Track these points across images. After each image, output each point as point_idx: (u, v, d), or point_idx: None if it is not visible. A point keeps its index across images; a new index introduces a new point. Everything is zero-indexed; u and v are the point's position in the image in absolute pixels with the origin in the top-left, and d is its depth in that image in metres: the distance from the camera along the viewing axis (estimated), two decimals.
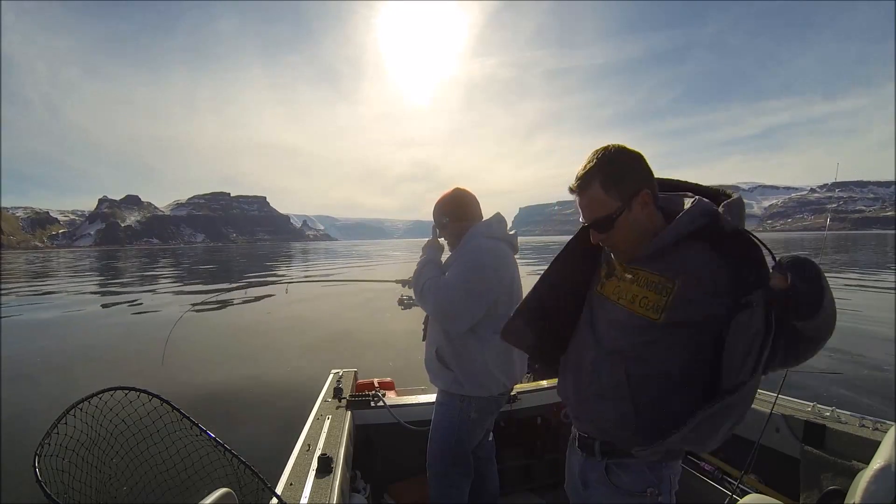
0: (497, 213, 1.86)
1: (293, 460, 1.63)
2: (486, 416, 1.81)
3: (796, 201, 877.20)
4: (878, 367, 5.36)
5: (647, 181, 0.95)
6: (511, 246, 1.82)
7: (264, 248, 63.44)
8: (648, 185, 0.95)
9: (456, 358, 1.73)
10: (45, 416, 1.18)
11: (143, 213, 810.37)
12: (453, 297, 1.63)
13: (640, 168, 0.95)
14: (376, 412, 2.15)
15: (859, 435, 1.63)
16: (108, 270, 32.29)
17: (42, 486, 0.92)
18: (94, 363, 6.75)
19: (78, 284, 20.31)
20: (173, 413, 1.29)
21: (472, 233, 1.76)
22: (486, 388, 1.73)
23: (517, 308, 1.20)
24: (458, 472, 1.81)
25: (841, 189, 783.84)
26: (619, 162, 0.93)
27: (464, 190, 1.85)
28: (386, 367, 5.89)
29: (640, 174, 0.95)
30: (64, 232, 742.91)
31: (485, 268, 1.65)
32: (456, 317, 1.65)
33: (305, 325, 9.09)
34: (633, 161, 0.94)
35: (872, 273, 17.68)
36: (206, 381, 5.60)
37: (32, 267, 40.11)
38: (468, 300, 1.62)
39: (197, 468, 1.31)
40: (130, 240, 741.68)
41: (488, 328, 1.67)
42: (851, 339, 6.63)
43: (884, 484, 1.14)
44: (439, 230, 1.86)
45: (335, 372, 2.60)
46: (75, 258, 65.85)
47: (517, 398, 2.26)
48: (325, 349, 7.25)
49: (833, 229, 55.46)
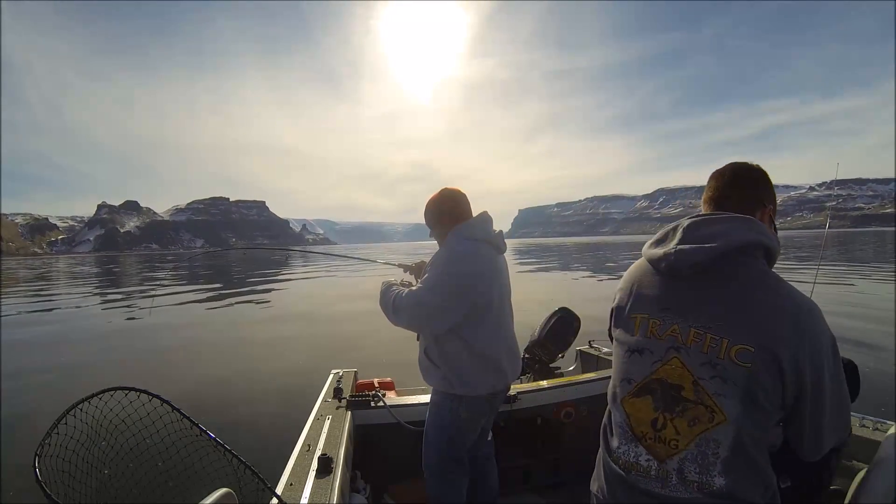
0: (483, 212, 1.84)
1: (293, 460, 1.63)
2: (477, 415, 1.80)
3: (795, 200, 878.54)
4: (878, 367, 5.34)
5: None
6: (494, 247, 1.80)
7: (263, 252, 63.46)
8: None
9: (442, 357, 1.74)
10: (46, 416, 1.18)
11: (142, 219, 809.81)
12: (425, 299, 1.64)
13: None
14: (376, 412, 2.15)
15: (859, 435, 1.61)
16: (106, 275, 32.26)
17: (42, 486, 0.92)
18: (95, 365, 6.74)
19: (78, 289, 20.29)
20: (173, 413, 1.29)
21: (452, 235, 1.76)
22: (474, 388, 1.72)
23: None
24: (452, 471, 1.81)
25: (840, 187, 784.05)
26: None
27: (451, 190, 1.84)
28: (386, 367, 5.89)
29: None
30: (63, 238, 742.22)
31: (458, 270, 1.64)
32: (430, 319, 1.67)
33: (305, 326, 9.09)
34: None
35: (874, 269, 17.66)
36: (206, 381, 5.60)
37: (33, 273, 40.06)
38: (441, 302, 1.63)
39: (197, 468, 1.31)
40: (129, 245, 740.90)
41: (469, 329, 1.68)
42: (852, 338, 6.62)
43: (884, 484, 1.14)
44: (430, 231, 1.88)
45: (335, 372, 2.60)
46: (76, 262, 65.73)
47: (517, 398, 2.25)
48: (325, 349, 7.25)
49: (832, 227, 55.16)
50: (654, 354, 0.94)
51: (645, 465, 0.93)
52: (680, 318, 0.92)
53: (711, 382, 0.87)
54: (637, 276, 1.06)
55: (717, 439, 0.87)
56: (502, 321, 1.79)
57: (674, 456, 0.90)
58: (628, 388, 0.98)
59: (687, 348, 0.90)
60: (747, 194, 1.03)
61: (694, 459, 0.88)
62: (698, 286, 0.93)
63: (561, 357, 2.99)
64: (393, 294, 1.75)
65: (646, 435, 0.94)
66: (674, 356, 0.91)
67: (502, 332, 1.79)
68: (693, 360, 0.89)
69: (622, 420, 0.98)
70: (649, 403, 0.94)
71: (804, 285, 1.15)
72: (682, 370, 0.90)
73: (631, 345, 0.98)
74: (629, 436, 0.97)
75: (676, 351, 0.91)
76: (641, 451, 0.94)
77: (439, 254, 1.74)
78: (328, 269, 29.45)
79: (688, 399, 0.89)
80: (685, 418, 0.89)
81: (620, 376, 1.00)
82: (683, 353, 0.90)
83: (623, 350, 1.01)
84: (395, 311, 1.73)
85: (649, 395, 0.94)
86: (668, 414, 0.91)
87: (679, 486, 0.89)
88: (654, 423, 0.93)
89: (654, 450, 0.92)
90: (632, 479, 0.95)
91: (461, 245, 1.71)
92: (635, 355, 0.97)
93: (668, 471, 0.90)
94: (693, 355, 0.89)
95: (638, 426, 0.95)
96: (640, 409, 0.95)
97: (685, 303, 0.93)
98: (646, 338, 0.96)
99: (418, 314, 1.67)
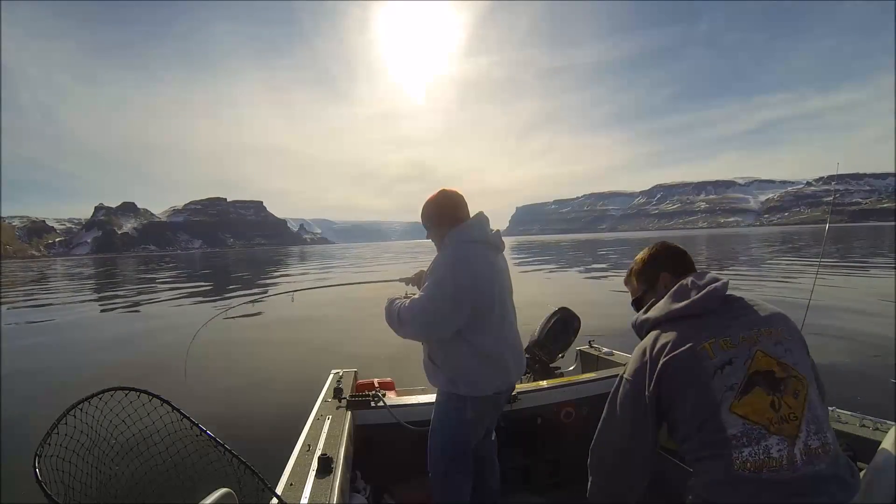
0: (479, 213, 1.85)
1: (293, 460, 1.63)
2: (482, 415, 1.81)
3: (793, 195, 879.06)
4: (878, 366, 5.33)
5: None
6: (492, 247, 1.81)
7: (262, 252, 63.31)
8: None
9: (446, 360, 1.75)
10: (45, 418, 1.18)
11: (139, 220, 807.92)
12: (426, 308, 1.66)
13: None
14: (376, 412, 2.15)
15: (859, 435, 1.62)
16: (103, 277, 32.19)
17: (42, 486, 0.92)
18: (94, 366, 6.72)
19: (78, 290, 20.25)
20: (173, 413, 1.29)
21: (449, 238, 1.77)
22: (480, 389, 1.73)
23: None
24: (457, 471, 1.81)
25: (838, 182, 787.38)
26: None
27: (448, 192, 1.84)
28: (386, 367, 5.89)
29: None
30: (61, 241, 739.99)
31: (457, 275, 1.65)
32: (433, 327, 1.69)
33: (305, 326, 9.08)
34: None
35: (873, 265, 17.73)
36: (205, 381, 5.59)
37: (28, 276, 39.96)
38: (443, 309, 1.64)
39: (197, 468, 1.31)
40: (127, 247, 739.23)
41: (472, 331, 1.69)
42: (851, 337, 6.62)
43: (884, 484, 1.14)
44: (426, 233, 1.89)
45: (335, 372, 2.60)
46: (73, 265, 65.61)
47: (517, 398, 2.25)
48: (325, 349, 7.25)
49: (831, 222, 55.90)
50: (740, 358, 1.08)
51: (777, 456, 1.00)
52: (742, 329, 1.13)
53: (787, 356, 1.09)
54: (667, 334, 1.18)
55: (811, 400, 1.06)
56: (505, 320, 1.79)
57: (800, 427, 1.02)
58: (732, 394, 1.05)
59: (761, 342, 1.10)
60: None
61: (809, 423, 1.03)
62: (726, 311, 1.18)
63: (561, 357, 2.99)
64: (396, 308, 1.77)
65: (771, 420, 1.02)
66: (757, 350, 1.09)
67: (505, 332, 1.79)
68: (770, 348, 1.10)
69: (739, 424, 1.03)
70: (761, 392, 1.05)
71: (805, 283, 1.20)
72: (767, 358, 1.08)
73: (715, 363, 1.09)
74: (753, 433, 1.02)
75: (756, 345, 1.10)
76: (772, 440, 1.00)
77: (437, 259, 1.75)
78: (328, 269, 29.45)
79: (781, 377, 1.06)
80: (789, 392, 1.05)
81: (722, 390, 1.06)
82: (761, 345, 1.10)
83: (709, 373, 1.09)
84: (400, 324, 1.75)
85: (756, 386, 1.05)
86: (777, 395, 1.04)
87: (807, 463, 1.00)
88: (772, 405, 1.04)
89: (783, 430, 1.01)
90: (765, 477, 0.99)
91: (459, 249, 1.72)
92: (726, 368, 1.08)
93: (794, 453, 1.00)
94: (768, 345, 1.10)
95: (760, 417, 1.03)
96: (756, 402, 1.04)
97: (735, 320, 1.15)
98: (726, 351, 1.09)
99: (422, 323, 1.69)
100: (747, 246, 36.89)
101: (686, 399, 1.10)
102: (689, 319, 1.18)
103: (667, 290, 1.27)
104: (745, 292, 1.31)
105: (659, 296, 1.30)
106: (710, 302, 1.18)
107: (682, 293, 1.23)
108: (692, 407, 1.09)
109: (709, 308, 1.17)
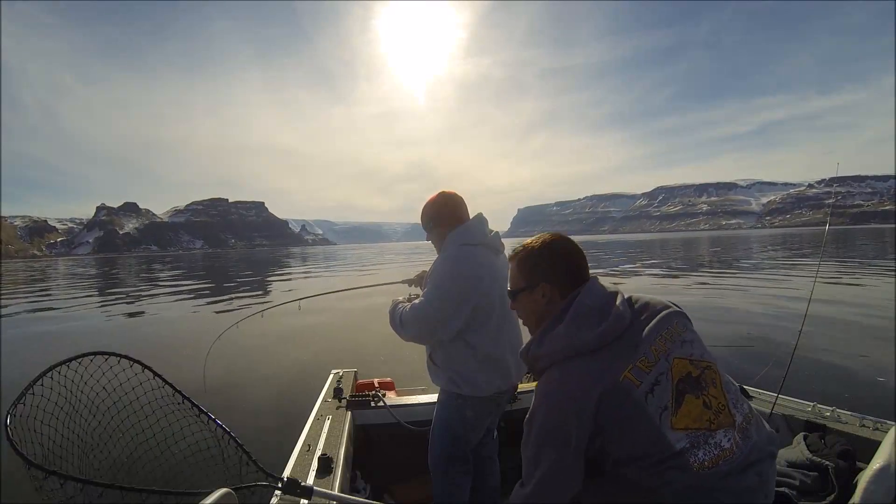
0: (478, 214, 1.85)
1: (293, 460, 1.64)
2: (483, 415, 1.82)
3: (794, 197, 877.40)
4: (877, 367, 5.32)
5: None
6: (492, 249, 1.81)
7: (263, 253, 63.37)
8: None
9: (448, 360, 1.76)
10: None
11: (141, 220, 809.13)
12: (426, 311, 1.68)
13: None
14: (376, 412, 2.16)
15: (859, 435, 1.62)
16: (105, 277, 32.26)
17: (13, 444, 0.90)
18: None
19: (76, 291, 20.28)
20: (155, 380, 1.28)
21: (449, 241, 1.78)
22: (481, 389, 1.74)
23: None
24: (457, 470, 1.82)
25: (839, 184, 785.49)
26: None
27: (448, 194, 1.86)
28: (386, 367, 5.89)
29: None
30: (62, 240, 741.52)
31: (457, 278, 1.67)
32: (433, 329, 1.70)
33: (305, 326, 9.08)
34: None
35: (874, 266, 17.68)
36: (205, 380, 5.58)
37: (29, 275, 40.04)
38: (443, 312, 1.66)
39: (191, 462, 1.30)
40: (129, 247, 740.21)
41: (473, 333, 1.70)
42: (852, 336, 6.62)
43: (884, 484, 1.14)
44: (426, 235, 1.90)
45: (335, 372, 2.60)
46: (75, 264, 65.75)
47: (517, 398, 2.26)
48: (325, 349, 7.25)
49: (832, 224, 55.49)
50: (663, 374, 1.06)
51: (728, 446, 1.02)
52: (650, 341, 1.09)
53: (693, 349, 1.11)
54: (579, 372, 1.07)
55: (726, 381, 1.11)
56: (505, 321, 1.79)
57: (731, 412, 1.06)
58: (668, 413, 1.01)
59: (671, 348, 1.09)
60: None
61: (733, 404, 1.07)
62: (631, 329, 1.11)
63: None
64: (399, 312, 1.80)
65: (710, 419, 1.03)
66: (673, 358, 1.08)
67: (506, 333, 1.79)
68: (678, 349, 1.09)
69: (684, 437, 1.00)
70: (691, 399, 1.05)
71: (804, 283, 1.18)
72: (681, 361, 1.08)
73: (644, 389, 1.02)
74: (700, 438, 1.00)
75: (669, 353, 1.08)
76: (718, 434, 1.02)
77: (437, 262, 1.77)
78: (328, 269, 29.46)
79: (698, 374, 1.08)
80: (709, 384, 1.08)
81: (657, 413, 1.00)
82: (674, 352, 1.08)
83: (641, 403, 1.01)
84: (402, 327, 1.78)
85: (685, 395, 1.05)
86: (703, 393, 1.06)
87: (746, 438, 1.05)
88: (705, 404, 1.05)
89: (723, 423, 1.04)
90: (724, 468, 1.00)
91: (458, 252, 1.73)
92: (655, 389, 1.02)
93: (737, 435, 1.04)
94: (676, 348, 1.09)
95: (700, 422, 1.02)
96: (691, 410, 1.03)
97: (638, 334, 1.10)
98: (647, 372, 1.04)
99: (422, 327, 1.72)
100: (748, 247, 37.29)
101: (624, 436, 1.01)
102: (600, 350, 1.07)
103: (550, 306, 1.18)
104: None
105: (544, 316, 1.19)
106: (619, 328, 1.08)
107: (584, 318, 1.11)
108: (632, 443, 1.00)
109: (617, 334, 1.08)
